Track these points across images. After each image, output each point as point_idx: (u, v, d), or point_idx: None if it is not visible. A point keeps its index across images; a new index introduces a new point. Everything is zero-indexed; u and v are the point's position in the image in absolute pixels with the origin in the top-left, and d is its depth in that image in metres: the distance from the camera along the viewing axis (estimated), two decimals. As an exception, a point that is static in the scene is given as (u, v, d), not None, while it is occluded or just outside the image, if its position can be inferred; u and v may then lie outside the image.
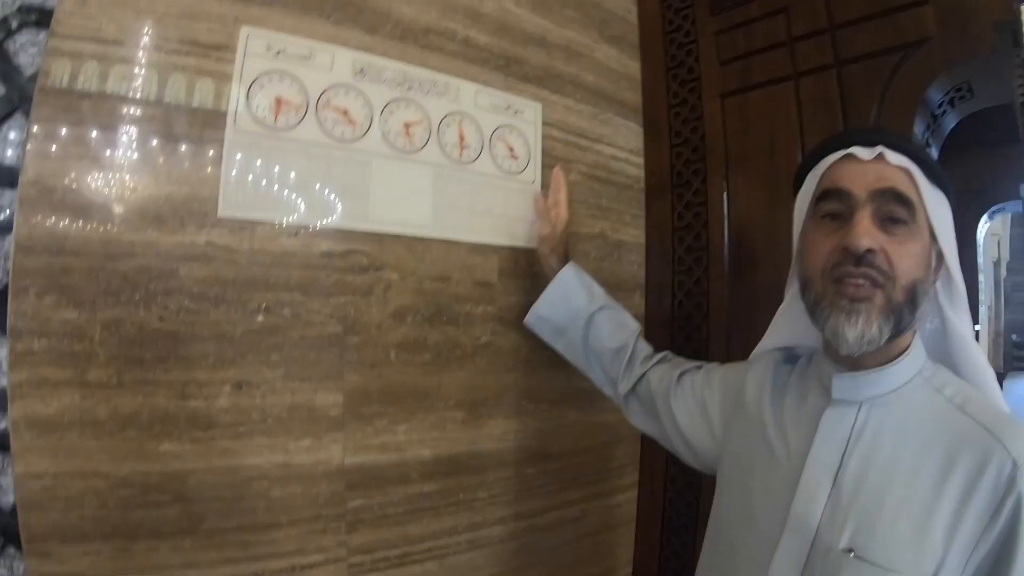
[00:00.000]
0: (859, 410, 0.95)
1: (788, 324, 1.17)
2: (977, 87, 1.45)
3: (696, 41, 1.87)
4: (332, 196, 1.37)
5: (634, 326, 1.49)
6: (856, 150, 0.94)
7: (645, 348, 1.46)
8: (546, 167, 1.73)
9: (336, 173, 1.37)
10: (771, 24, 1.70)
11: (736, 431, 1.17)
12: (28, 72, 1.40)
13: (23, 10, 1.40)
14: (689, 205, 1.86)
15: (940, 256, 0.97)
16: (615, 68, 1.96)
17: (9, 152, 1.40)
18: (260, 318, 1.27)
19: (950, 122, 1.55)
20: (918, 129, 1.43)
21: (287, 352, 1.30)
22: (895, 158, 0.92)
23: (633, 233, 1.96)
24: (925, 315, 1.00)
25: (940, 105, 1.47)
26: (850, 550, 0.86)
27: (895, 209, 0.90)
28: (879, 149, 0.93)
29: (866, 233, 0.88)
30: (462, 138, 1.58)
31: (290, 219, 1.31)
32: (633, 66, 2.01)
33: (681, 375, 1.34)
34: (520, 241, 1.66)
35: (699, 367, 1.36)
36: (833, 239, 0.93)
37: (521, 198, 1.67)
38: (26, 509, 1.06)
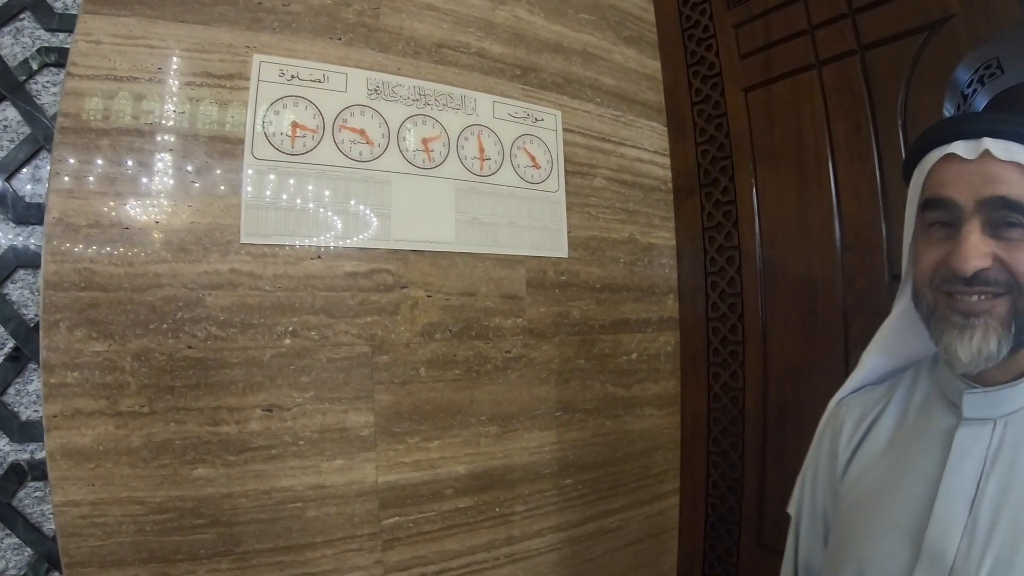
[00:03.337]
0: (994, 428, 0.85)
1: (902, 337, 1.04)
2: (1007, 63, 1.38)
3: (715, 35, 1.85)
4: (353, 217, 1.38)
5: None
6: (958, 147, 0.83)
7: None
8: (569, 174, 1.72)
9: (356, 193, 1.39)
10: (789, 12, 1.67)
11: (849, 477, 1.01)
12: (51, 112, 1.46)
13: (43, 51, 1.46)
14: (718, 204, 1.83)
15: None
16: (634, 69, 1.94)
17: (33, 188, 1.46)
18: (287, 342, 1.29)
19: (981, 102, 1.48)
20: (948, 112, 1.38)
21: (316, 374, 1.31)
22: (1003, 151, 0.79)
23: (663, 235, 1.93)
24: None
25: (969, 84, 1.41)
26: None
27: (1008, 215, 0.79)
28: (984, 144, 0.81)
29: (974, 253, 0.78)
30: (482, 150, 1.58)
31: (312, 242, 1.33)
32: (653, 65, 1.99)
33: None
34: (547, 251, 1.65)
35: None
36: (941, 251, 0.83)
37: (545, 207, 1.67)
38: (65, 536, 1.09)
